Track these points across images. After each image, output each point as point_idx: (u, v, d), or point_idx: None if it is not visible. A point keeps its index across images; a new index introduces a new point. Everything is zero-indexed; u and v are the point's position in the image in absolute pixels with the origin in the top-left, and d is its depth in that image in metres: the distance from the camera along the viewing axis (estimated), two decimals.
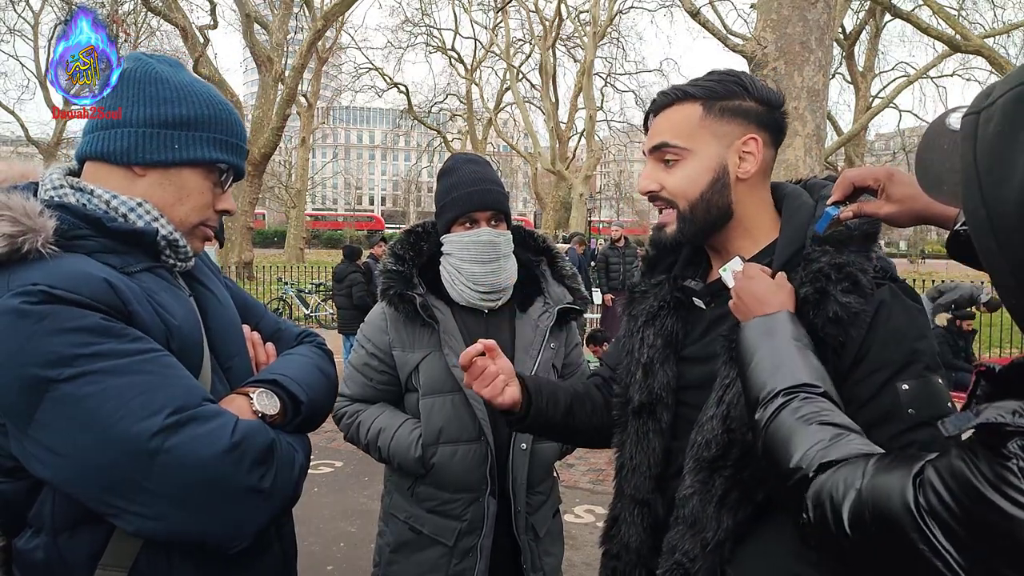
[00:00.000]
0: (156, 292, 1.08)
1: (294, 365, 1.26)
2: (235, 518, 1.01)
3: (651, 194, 1.26)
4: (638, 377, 1.32)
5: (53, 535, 1.00)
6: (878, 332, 1.09)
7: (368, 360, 1.92)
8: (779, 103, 1.25)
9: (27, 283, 0.94)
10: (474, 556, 1.81)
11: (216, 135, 1.15)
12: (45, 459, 0.94)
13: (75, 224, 1.04)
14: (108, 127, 1.11)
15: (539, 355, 1.86)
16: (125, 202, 1.10)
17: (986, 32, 16.28)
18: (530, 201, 47.94)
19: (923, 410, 1.05)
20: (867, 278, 1.12)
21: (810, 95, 4.69)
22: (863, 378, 1.09)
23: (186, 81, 1.16)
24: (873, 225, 1.18)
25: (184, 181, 1.14)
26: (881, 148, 38.05)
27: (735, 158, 1.21)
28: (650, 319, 1.34)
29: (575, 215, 23.16)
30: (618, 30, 26.85)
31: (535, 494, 1.90)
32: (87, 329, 0.95)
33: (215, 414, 1.01)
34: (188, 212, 1.16)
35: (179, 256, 1.16)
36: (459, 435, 1.81)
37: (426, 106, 29.83)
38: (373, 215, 68.76)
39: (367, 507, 4.61)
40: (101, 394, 0.93)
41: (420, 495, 1.86)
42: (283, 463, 1.07)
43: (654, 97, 1.29)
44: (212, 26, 16.57)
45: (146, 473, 0.94)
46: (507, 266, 1.87)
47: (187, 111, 1.12)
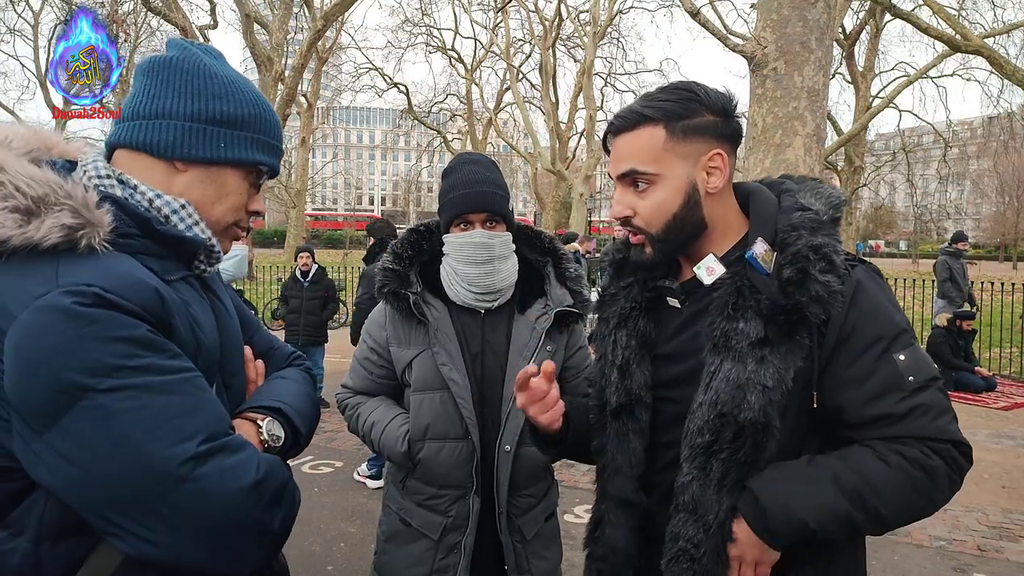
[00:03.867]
0: (191, 305, 1.05)
1: (292, 392, 1.24)
2: (239, 555, 0.98)
3: (624, 219, 1.28)
4: (614, 379, 1.34)
5: (36, 542, 0.95)
6: (862, 309, 1.17)
7: (368, 354, 1.99)
8: (732, 110, 1.26)
9: (80, 282, 0.90)
10: (458, 552, 1.83)
11: (260, 136, 1.13)
12: (55, 466, 0.89)
13: (126, 222, 1.00)
14: (152, 117, 1.06)
15: (533, 357, 1.86)
16: (169, 203, 1.06)
17: (986, 32, 16.27)
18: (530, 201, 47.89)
19: (919, 375, 1.15)
20: (840, 259, 1.18)
21: (810, 95, 4.68)
22: (858, 355, 1.16)
23: (232, 76, 1.13)
24: (837, 210, 1.25)
25: (225, 180, 1.11)
26: (881, 148, 38.02)
27: (703, 174, 1.23)
28: (622, 321, 1.37)
29: (575, 215, 23.14)
30: (618, 30, 26.88)
31: (523, 496, 1.90)
32: (135, 340, 0.91)
33: (241, 446, 0.99)
34: (224, 212, 1.13)
35: (210, 261, 1.13)
36: (446, 432, 1.84)
37: (426, 106, 29.82)
38: (373, 215, 68.78)
39: (367, 507, 4.61)
40: (138, 411, 0.89)
41: (410, 488, 1.90)
42: (292, 502, 1.05)
43: (612, 119, 1.30)
44: (212, 26, 16.58)
45: (164, 498, 0.90)
46: (503, 268, 1.88)
47: (235, 109, 1.09)
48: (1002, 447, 6.55)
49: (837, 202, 1.26)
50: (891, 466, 1.12)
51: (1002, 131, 26.72)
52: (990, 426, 7.31)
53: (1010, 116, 24.64)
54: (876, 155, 34.32)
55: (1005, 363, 10.12)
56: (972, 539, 4.41)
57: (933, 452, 1.12)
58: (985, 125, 32.41)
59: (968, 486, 5.39)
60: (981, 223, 61.12)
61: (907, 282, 12.14)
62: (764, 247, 1.20)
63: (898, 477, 1.11)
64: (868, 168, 27.85)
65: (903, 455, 1.12)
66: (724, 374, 1.17)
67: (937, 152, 29.04)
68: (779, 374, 1.14)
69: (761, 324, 1.16)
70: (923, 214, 41.57)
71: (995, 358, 10.26)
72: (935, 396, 1.15)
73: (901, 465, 1.12)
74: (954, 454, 1.13)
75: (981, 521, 4.69)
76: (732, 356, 1.17)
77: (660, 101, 1.23)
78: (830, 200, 1.26)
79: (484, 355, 1.89)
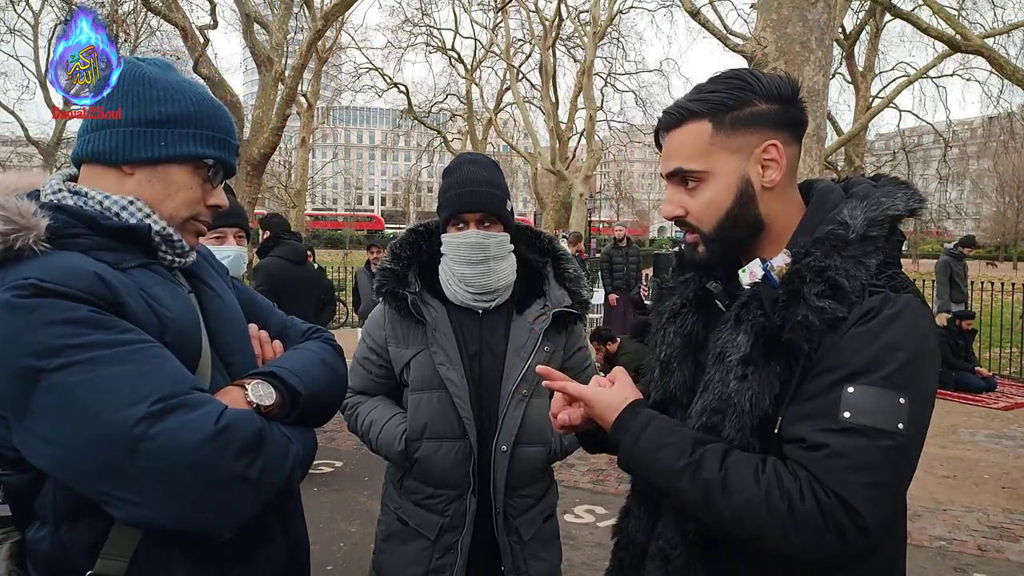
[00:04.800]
0: (149, 287, 1.10)
1: (296, 358, 1.27)
2: (219, 506, 1.00)
3: (677, 219, 1.22)
4: (656, 375, 1.31)
5: (56, 525, 1.03)
6: (846, 335, 1.04)
7: (368, 354, 2.00)
8: (792, 95, 1.17)
9: (19, 278, 0.97)
10: (455, 552, 1.84)
11: (203, 131, 1.16)
12: (40, 449, 0.97)
13: (68, 222, 1.07)
14: (98, 128, 1.13)
15: (530, 357, 1.86)
16: (117, 201, 1.13)
17: (986, 32, 16.24)
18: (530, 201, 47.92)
19: (860, 417, 0.99)
20: (854, 284, 1.05)
21: (810, 95, 4.68)
22: (817, 375, 1.05)
23: (174, 80, 1.17)
24: (874, 227, 1.10)
25: (172, 177, 1.16)
26: (881, 148, 38.01)
27: (757, 168, 1.15)
28: (672, 317, 1.32)
29: (575, 215, 23.12)
30: (618, 30, 26.85)
31: (520, 497, 1.90)
32: (76, 320, 0.97)
33: (202, 402, 1.02)
34: (177, 207, 1.17)
35: (175, 251, 1.18)
36: (443, 432, 1.84)
37: (426, 106, 29.79)
38: (373, 215, 68.80)
39: (367, 507, 4.61)
40: (89, 383, 0.95)
41: (407, 488, 1.91)
42: (273, 452, 1.06)
43: (660, 115, 1.23)
44: (212, 26, 16.54)
45: (131, 460, 0.95)
46: (499, 268, 1.88)
47: (172, 109, 1.14)
48: (1002, 447, 6.55)
49: (880, 217, 1.10)
50: (759, 483, 1.03)
51: (1002, 131, 26.69)
52: (990, 426, 7.31)
53: (1010, 116, 24.60)
54: (876, 155, 34.30)
55: (1005, 363, 10.12)
56: (972, 539, 4.41)
57: (812, 497, 0.99)
58: (985, 125, 32.42)
59: (968, 486, 5.40)
60: (981, 223, 61.08)
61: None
62: (786, 260, 1.13)
63: (758, 495, 1.02)
64: (868, 168, 27.82)
65: (779, 479, 1.02)
66: (714, 387, 1.14)
67: (937, 152, 29.04)
68: (755, 397, 1.08)
69: (750, 340, 1.10)
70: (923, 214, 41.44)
71: (995, 358, 10.26)
72: (864, 450, 0.98)
73: (770, 486, 1.02)
74: (837, 512, 0.97)
75: (981, 521, 4.68)
76: (724, 369, 1.12)
77: (707, 93, 1.16)
78: (876, 213, 1.11)
79: (482, 355, 1.89)
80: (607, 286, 10.21)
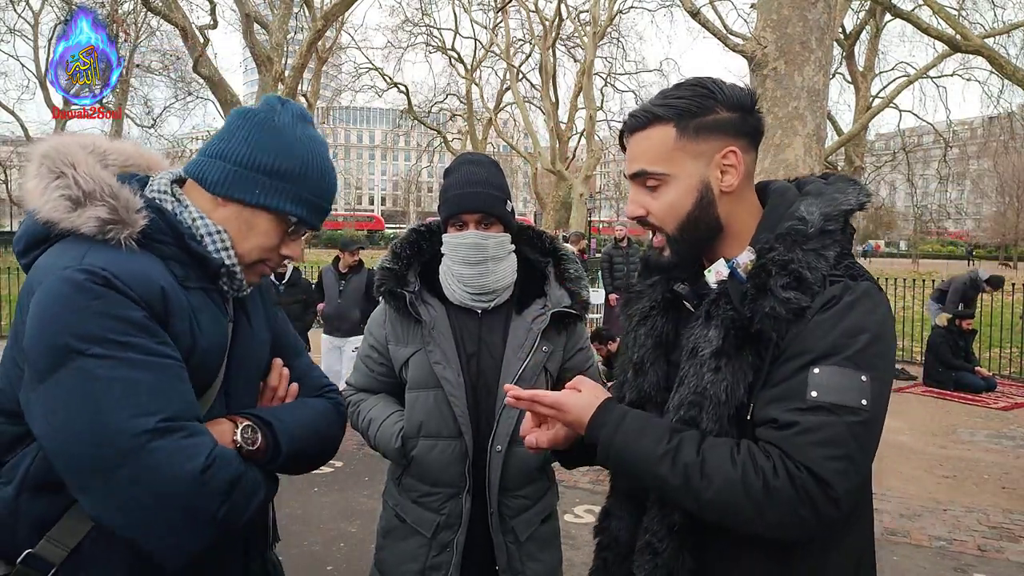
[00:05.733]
0: (200, 311, 1.17)
1: (296, 414, 1.31)
2: (179, 536, 1.04)
3: (639, 219, 1.26)
4: (629, 376, 1.34)
5: (18, 490, 1.07)
6: (811, 322, 1.10)
7: (369, 352, 2.02)
8: (751, 105, 1.22)
9: (97, 265, 1.05)
10: (450, 551, 1.85)
11: (299, 190, 1.24)
12: (40, 417, 1.01)
13: (161, 228, 1.16)
14: (215, 157, 1.23)
15: (528, 358, 1.87)
16: (208, 225, 1.22)
17: (986, 32, 16.23)
18: (530, 201, 47.94)
19: (827, 395, 1.06)
20: (816, 275, 1.12)
21: (810, 95, 4.68)
22: (784, 362, 1.11)
23: (299, 136, 1.25)
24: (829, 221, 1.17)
25: (256, 221, 1.24)
26: (881, 148, 38.00)
27: (716, 173, 1.20)
28: (643, 319, 1.36)
29: (575, 215, 23.13)
30: (618, 30, 26.83)
31: (516, 497, 1.90)
32: (129, 321, 1.04)
33: (198, 432, 1.06)
34: (251, 249, 1.25)
35: (234, 286, 1.26)
36: (439, 431, 1.85)
37: (426, 106, 29.78)
38: (373, 215, 68.77)
39: (367, 507, 4.61)
40: (112, 380, 1.00)
41: (405, 485, 1.93)
42: (243, 495, 1.10)
43: (625, 118, 1.28)
44: (212, 26, 16.54)
45: (120, 464, 0.98)
46: (497, 268, 1.88)
47: (280, 163, 1.22)
48: (1002, 447, 6.56)
49: (835, 212, 1.18)
50: (735, 464, 1.07)
51: (1002, 131, 26.69)
52: (990, 426, 7.31)
53: (1010, 116, 24.58)
54: (876, 155, 34.29)
55: (1005, 363, 10.13)
56: (972, 539, 4.41)
57: (785, 472, 1.04)
58: (985, 125, 32.42)
59: (968, 486, 5.40)
60: (981, 223, 61.04)
61: (907, 282, 12.14)
62: (750, 256, 1.18)
63: (735, 476, 1.06)
64: (868, 168, 27.83)
65: (753, 459, 1.07)
66: (689, 381, 1.18)
67: (937, 152, 29.02)
68: (730, 388, 1.13)
69: (721, 334, 1.15)
70: (923, 214, 41.57)
71: (995, 358, 10.27)
72: (831, 426, 1.04)
73: (745, 466, 1.07)
74: (809, 486, 1.03)
75: (981, 521, 4.69)
76: (698, 363, 1.17)
77: (673, 99, 1.20)
78: (830, 208, 1.18)
79: (480, 355, 1.90)
80: (607, 286, 10.20)
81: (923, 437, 6.82)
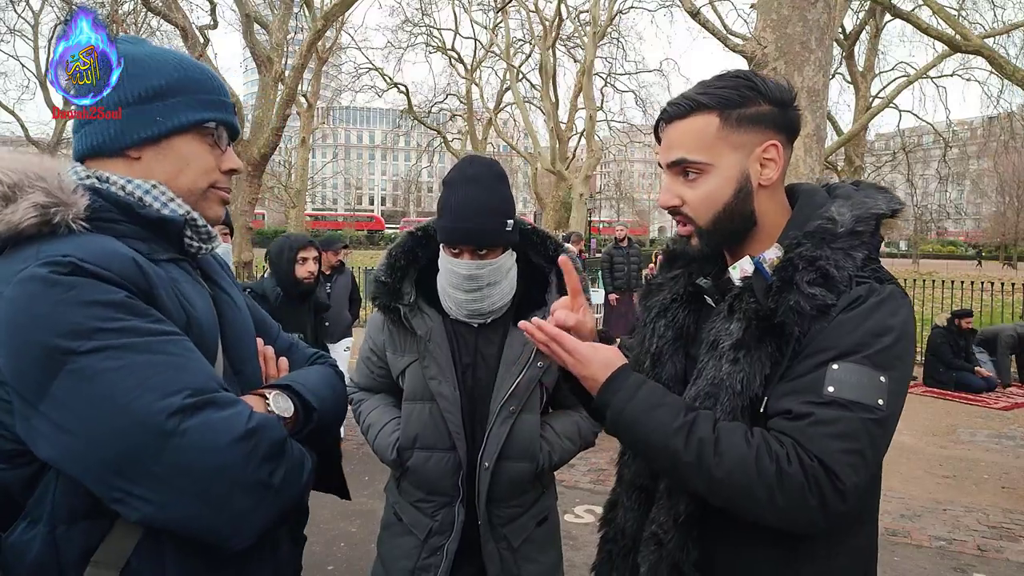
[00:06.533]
0: (180, 282, 1.08)
1: (308, 376, 1.26)
2: (240, 512, 0.96)
3: (672, 208, 1.24)
4: (646, 367, 1.33)
5: (51, 526, 0.96)
6: (834, 320, 1.10)
7: (369, 355, 2.04)
8: (790, 100, 1.22)
9: (57, 253, 0.94)
10: (440, 556, 1.86)
11: (194, 96, 1.13)
12: (52, 438, 0.91)
13: (106, 207, 1.04)
14: (90, 121, 1.10)
15: (521, 373, 1.83)
16: (140, 185, 1.09)
17: (986, 32, 16.22)
18: (530, 201, 47.94)
19: (844, 392, 1.05)
20: (843, 274, 1.12)
21: (810, 95, 4.68)
22: (805, 358, 1.11)
23: (149, 52, 1.13)
24: (859, 223, 1.16)
25: (178, 150, 1.12)
26: (881, 148, 37.98)
27: (756, 166, 1.20)
28: (662, 311, 1.35)
29: (575, 215, 23.12)
30: (618, 30, 26.83)
31: (508, 507, 1.89)
32: (113, 304, 0.93)
33: (232, 401, 0.99)
34: (194, 179, 1.14)
35: (200, 236, 1.15)
36: (433, 443, 1.85)
37: (426, 106, 29.77)
38: (373, 215, 68.77)
39: (367, 507, 4.60)
40: (120, 370, 0.90)
41: (403, 488, 1.95)
42: (293, 463, 1.03)
43: (664, 106, 1.25)
44: (212, 26, 16.55)
45: (157, 454, 0.90)
46: (493, 293, 1.82)
47: (157, 81, 1.10)
48: (1002, 447, 6.56)
49: (865, 214, 1.18)
50: (750, 445, 1.07)
51: (1002, 131, 26.61)
52: (990, 426, 7.31)
53: (1010, 116, 24.56)
54: (876, 155, 34.25)
55: None
56: (972, 539, 4.41)
57: (797, 460, 1.04)
58: (985, 125, 32.36)
59: (968, 486, 5.40)
60: (981, 223, 61.03)
61: (907, 282, 12.14)
62: (778, 253, 1.18)
63: (749, 455, 1.06)
64: (868, 168, 27.80)
65: (768, 443, 1.07)
66: (707, 373, 1.17)
67: (937, 152, 29.00)
68: (746, 379, 1.12)
69: (743, 326, 1.15)
70: (923, 214, 41.53)
71: None
72: (845, 420, 1.04)
73: (760, 448, 1.06)
74: (819, 476, 1.03)
75: (981, 521, 4.69)
76: (717, 356, 1.17)
77: (716, 88, 1.19)
78: (861, 211, 1.18)
79: (476, 366, 1.88)
80: (607, 286, 10.20)
81: (923, 437, 6.83)
